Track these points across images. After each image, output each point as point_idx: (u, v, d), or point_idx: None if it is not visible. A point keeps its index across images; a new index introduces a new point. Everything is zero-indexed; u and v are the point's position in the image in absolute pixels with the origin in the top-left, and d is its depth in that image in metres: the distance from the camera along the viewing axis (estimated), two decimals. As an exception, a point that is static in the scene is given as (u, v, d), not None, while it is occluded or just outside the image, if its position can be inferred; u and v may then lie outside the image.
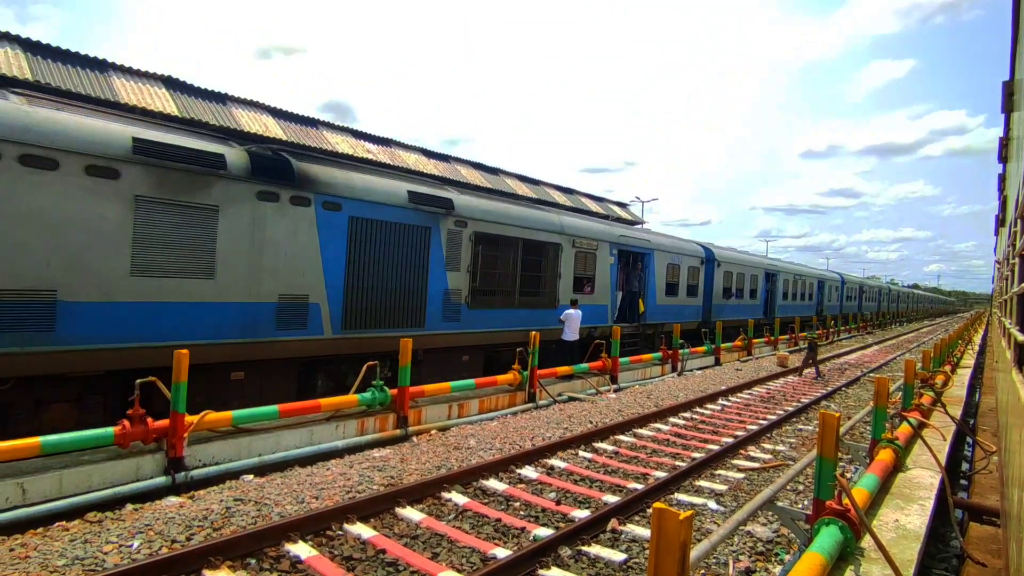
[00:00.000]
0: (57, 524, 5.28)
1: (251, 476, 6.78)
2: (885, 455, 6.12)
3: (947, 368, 13.64)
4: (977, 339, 31.85)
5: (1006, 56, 8.50)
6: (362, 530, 5.28)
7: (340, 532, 5.26)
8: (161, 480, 6.27)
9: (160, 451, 6.44)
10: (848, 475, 6.99)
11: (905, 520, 5.04)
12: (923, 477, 6.25)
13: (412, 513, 5.74)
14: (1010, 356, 8.38)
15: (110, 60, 14.84)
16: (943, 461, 6.66)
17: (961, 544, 6.14)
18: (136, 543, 4.80)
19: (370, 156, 19.82)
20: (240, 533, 4.87)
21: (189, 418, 6.55)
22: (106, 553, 4.63)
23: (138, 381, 6.26)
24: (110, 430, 6.18)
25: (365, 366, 8.80)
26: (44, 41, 13.76)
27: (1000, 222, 12.87)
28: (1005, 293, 11.12)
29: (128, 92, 14.49)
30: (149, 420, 6.35)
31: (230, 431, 7.25)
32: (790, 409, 11.58)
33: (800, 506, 6.30)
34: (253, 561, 4.66)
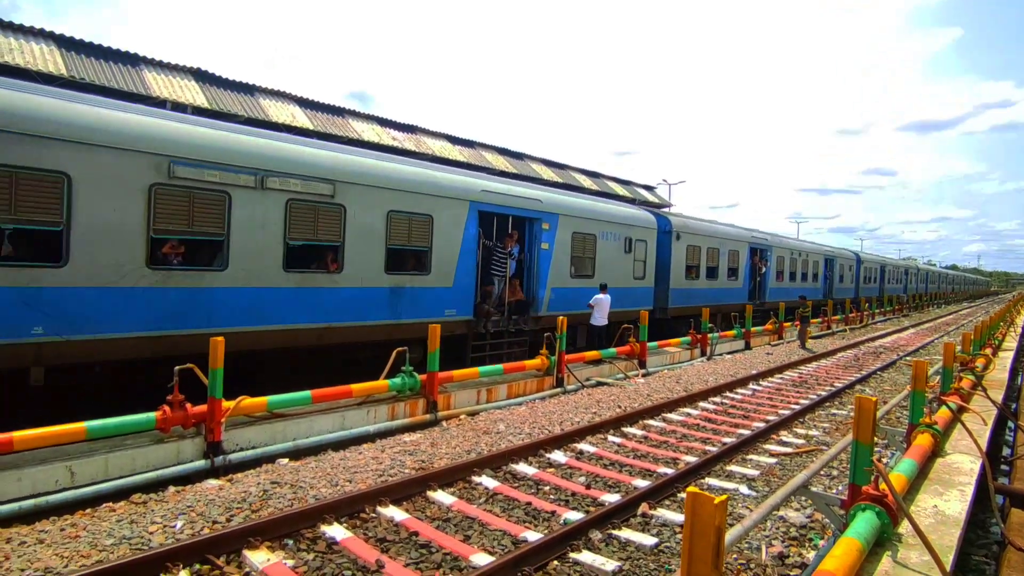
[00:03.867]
0: (104, 505, 5.49)
1: (286, 460, 6.94)
2: (923, 440, 5.98)
3: (988, 351, 13.23)
4: (1020, 321, 30.79)
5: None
6: (395, 513, 5.38)
7: (374, 514, 5.37)
8: (201, 463, 6.47)
9: (199, 436, 6.64)
10: (884, 460, 6.87)
11: (944, 506, 4.94)
12: (962, 462, 6.10)
13: (443, 496, 5.82)
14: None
15: (142, 54, 15.12)
16: (984, 446, 6.48)
17: (1002, 530, 5.98)
18: (179, 523, 4.98)
19: (396, 144, 19.90)
20: (278, 515, 5.00)
21: (226, 403, 6.73)
22: (152, 533, 4.81)
23: (176, 368, 6.44)
24: (152, 415, 6.39)
25: (395, 352, 8.86)
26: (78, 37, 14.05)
27: (1047, 199, 12.38)
28: (1051, 273, 10.71)
29: (159, 85, 14.77)
30: (188, 406, 6.54)
31: (265, 416, 7.43)
32: (823, 393, 11.39)
33: (835, 491, 6.22)
34: (291, 542, 4.79)
